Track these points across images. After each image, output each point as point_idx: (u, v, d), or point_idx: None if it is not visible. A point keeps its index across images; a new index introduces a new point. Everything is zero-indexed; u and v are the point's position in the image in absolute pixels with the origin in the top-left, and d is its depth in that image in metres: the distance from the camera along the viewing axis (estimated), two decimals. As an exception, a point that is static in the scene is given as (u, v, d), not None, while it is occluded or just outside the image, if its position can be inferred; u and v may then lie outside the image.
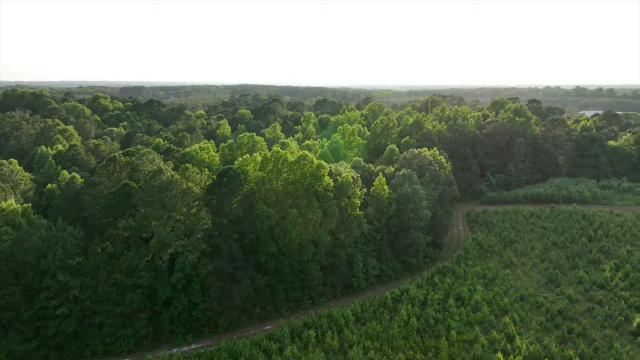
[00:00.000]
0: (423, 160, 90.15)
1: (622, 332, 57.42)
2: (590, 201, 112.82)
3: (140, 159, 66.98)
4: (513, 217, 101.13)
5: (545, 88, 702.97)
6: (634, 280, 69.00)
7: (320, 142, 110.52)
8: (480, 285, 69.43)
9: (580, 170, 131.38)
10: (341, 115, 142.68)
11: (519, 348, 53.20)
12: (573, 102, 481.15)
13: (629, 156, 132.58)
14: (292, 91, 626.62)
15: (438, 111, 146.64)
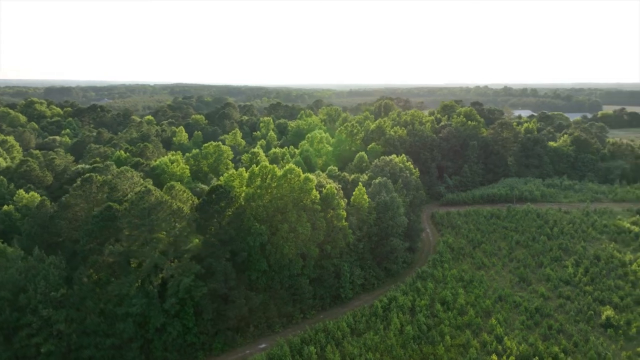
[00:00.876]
0: (395, 167, 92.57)
1: (593, 325, 62.66)
2: (539, 199, 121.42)
3: (118, 177, 63.11)
4: (475, 218, 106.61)
5: (475, 87, 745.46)
6: (594, 275, 75.46)
7: (287, 150, 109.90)
8: (460, 288, 72.75)
9: (527, 170, 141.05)
10: (301, 121, 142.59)
11: (509, 349, 56.48)
12: (502, 102, 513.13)
13: (567, 156, 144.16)
14: (233, 91, 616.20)
15: (395, 115, 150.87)
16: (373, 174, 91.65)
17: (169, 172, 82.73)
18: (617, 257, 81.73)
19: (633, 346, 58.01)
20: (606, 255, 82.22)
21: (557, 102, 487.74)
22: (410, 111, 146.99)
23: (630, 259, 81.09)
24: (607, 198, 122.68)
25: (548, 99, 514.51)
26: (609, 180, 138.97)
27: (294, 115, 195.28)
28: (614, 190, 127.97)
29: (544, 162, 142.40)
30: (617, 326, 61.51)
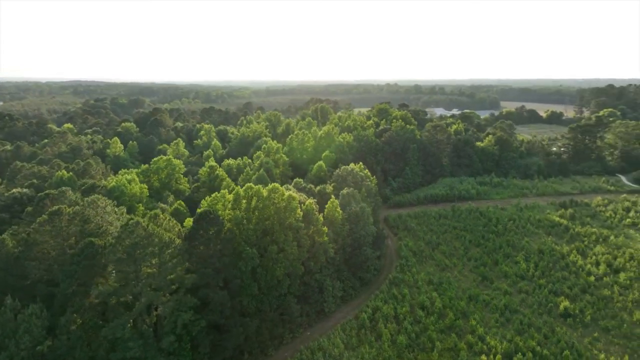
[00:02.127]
0: (356, 177, 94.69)
1: (554, 317, 69.92)
2: (476, 197, 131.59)
3: (90, 206, 57.36)
4: (426, 220, 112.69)
5: (386, 85, 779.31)
6: (543, 269, 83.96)
7: (242, 162, 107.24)
8: (433, 291, 76.90)
9: (460, 170, 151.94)
10: (245, 129, 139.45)
11: (493, 347, 61.18)
12: (415, 100, 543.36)
13: (492, 155, 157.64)
14: (146, 91, 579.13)
15: (336, 120, 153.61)
16: (337, 184, 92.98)
17: (129, 193, 76.82)
18: (556, 250, 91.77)
19: (590, 332, 65.81)
20: (547, 249, 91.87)
21: (462, 100, 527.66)
22: (352, 116, 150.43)
23: (567, 250, 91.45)
24: (531, 193, 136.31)
25: (454, 97, 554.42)
26: (528, 175, 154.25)
27: (229, 120, 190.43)
28: (535, 185, 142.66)
29: (474, 161, 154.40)
30: (574, 315, 69.31)
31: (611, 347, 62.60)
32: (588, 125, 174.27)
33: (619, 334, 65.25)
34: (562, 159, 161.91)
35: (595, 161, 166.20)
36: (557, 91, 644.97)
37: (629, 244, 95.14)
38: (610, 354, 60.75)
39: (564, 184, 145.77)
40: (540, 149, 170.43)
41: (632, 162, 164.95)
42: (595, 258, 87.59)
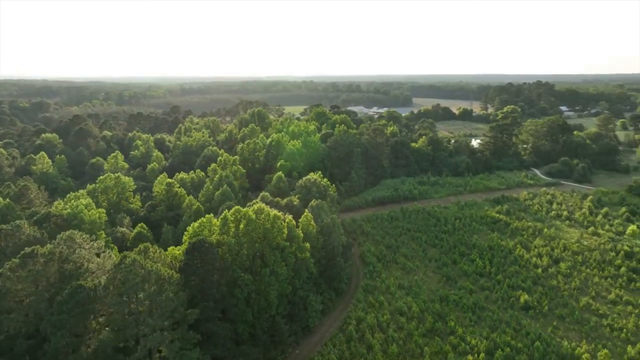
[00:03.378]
0: (320, 186, 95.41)
1: (517, 310, 76.75)
2: (419, 197, 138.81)
3: (66, 243, 51.55)
4: (379, 223, 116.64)
5: (303, 82, 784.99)
6: (497, 265, 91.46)
7: (197, 175, 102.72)
8: (406, 296, 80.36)
9: (399, 170, 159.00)
10: (188, 138, 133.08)
11: (475, 346, 65.78)
12: (334, 98, 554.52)
13: (427, 155, 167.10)
14: (44, 90, 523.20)
15: (278, 125, 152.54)
16: (302, 195, 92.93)
17: (88, 220, 70.14)
18: (503, 245, 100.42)
19: (549, 322, 73.32)
20: (496, 245, 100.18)
21: (379, 97, 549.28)
22: (295, 121, 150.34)
23: (512, 245, 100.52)
24: (465, 190, 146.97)
25: (370, 94, 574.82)
26: (458, 173, 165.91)
27: (160, 127, 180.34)
28: (467, 182, 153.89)
29: (411, 162, 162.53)
30: (533, 307, 76.74)
31: (569, 333, 70.37)
32: (505, 124, 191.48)
33: (573, 320, 73.52)
34: (485, 156, 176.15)
35: (513, 157, 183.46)
36: (460, 88, 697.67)
37: (559, 235, 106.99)
38: (570, 339, 68.27)
39: (491, 179, 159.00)
40: (465, 147, 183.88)
41: (542, 157, 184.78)
42: (537, 251, 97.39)
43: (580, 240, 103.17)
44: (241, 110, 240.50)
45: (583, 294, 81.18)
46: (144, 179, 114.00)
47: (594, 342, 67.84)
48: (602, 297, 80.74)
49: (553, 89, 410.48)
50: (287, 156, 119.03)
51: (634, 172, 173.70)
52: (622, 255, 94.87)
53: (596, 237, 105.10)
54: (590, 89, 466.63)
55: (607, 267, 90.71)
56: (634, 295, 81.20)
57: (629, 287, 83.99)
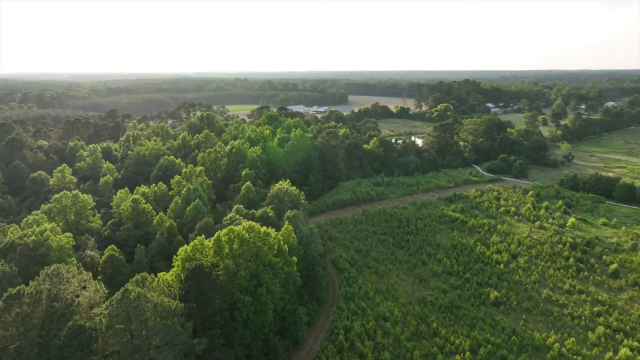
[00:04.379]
0: (292, 195, 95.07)
1: (488, 306, 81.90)
2: (376, 198, 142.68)
3: (53, 280, 47.25)
4: (344, 227, 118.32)
5: (235, 79, 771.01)
6: (464, 263, 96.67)
7: (159, 188, 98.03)
8: (386, 300, 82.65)
9: (353, 172, 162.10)
10: (140, 147, 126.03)
11: (460, 346, 69.36)
12: (272, 96, 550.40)
13: (378, 156, 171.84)
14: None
15: (232, 131, 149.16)
16: (274, 205, 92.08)
17: (55, 248, 64.66)
18: (465, 243, 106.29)
19: (519, 315, 78.99)
20: (458, 244, 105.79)
21: (316, 95, 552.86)
22: (249, 126, 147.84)
23: (472, 243, 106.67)
24: (418, 190, 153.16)
25: (307, 92, 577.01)
26: (408, 172, 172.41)
27: (99, 134, 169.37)
28: (418, 181, 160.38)
29: (364, 163, 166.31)
30: (503, 302, 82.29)
31: (537, 325, 76.32)
32: (447, 123, 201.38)
33: (538, 312, 79.84)
34: (432, 155, 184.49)
35: (456, 155, 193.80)
36: (393, 85, 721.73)
37: (512, 230, 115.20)
38: (539, 331, 74.10)
39: (440, 178, 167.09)
40: (412, 147, 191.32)
41: (482, 154, 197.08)
42: (496, 247, 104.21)
43: (531, 235, 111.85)
44: (183, 113, 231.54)
45: (542, 286, 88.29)
46: (96, 193, 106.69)
47: (559, 331, 74.14)
48: (558, 287, 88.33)
49: (480, 87, 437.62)
50: (249, 164, 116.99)
51: (561, 166, 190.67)
52: (568, 247, 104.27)
53: (543, 231, 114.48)
54: (511, 87, 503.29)
55: (558, 259, 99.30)
56: (584, 284, 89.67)
57: (579, 277, 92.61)
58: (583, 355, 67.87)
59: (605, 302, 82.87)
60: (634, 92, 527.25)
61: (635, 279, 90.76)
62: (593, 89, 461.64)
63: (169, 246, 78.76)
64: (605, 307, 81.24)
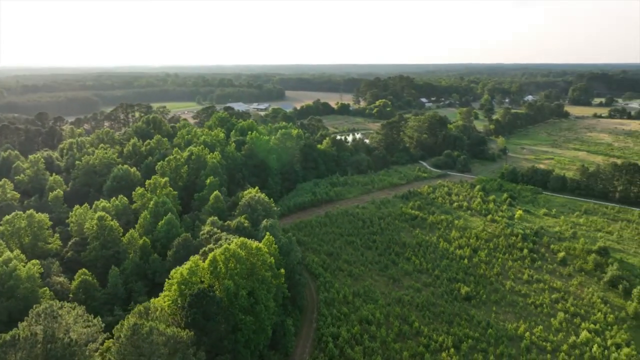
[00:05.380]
0: (264, 203, 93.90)
1: (459, 300, 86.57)
2: (335, 199, 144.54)
3: (46, 319, 43.26)
4: (309, 230, 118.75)
5: (165, 74, 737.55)
6: (431, 261, 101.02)
7: (121, 203, 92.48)
8: (365, 303, 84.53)
9: (309, 173, 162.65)
10: (89, 156, 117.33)
11: (444, 343, 72.80)
12: (207, 93, 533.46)
13: (332, 156, 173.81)
14: None
15: (185, 135, 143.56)
16: (248, 214, 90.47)
17: (25, 276, 59.08)
18: (428, 240, 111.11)
19: (489, 308, 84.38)
20: (422, 241, 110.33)
21: (253, 92, 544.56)
22: (204, 130, 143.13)
23: (435, 240, 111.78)
24: (373, 188, 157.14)
25: (244, 88, 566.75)
26: (361, 171, 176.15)
27: (32, 141, 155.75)
28: (372, 179, 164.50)
29: (319, 164, 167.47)
30: (473, 296, 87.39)
31: (507, 316, 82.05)
32: (394, 121, 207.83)
33: (505, 303, 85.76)
34: (382, 152, 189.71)
35: (403, 152, 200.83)
36: (328, 80, 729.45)
37: (467, 225, 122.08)
38: (510, 322, 79.71)
39: (392, 175, 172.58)
40: (362, 145, 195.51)
41: (427, 150, 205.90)
42: (457, 242, 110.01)
43: (485, 229, 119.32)
44: (121, 114, 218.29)
45: (505, 278, 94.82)
46: (46, 210, 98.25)
47: (527, 320, 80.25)
48: (518, 278, 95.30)
49: (413, 83, 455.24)
50: (210, 171, 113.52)
51: (498, 159, 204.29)
52: (520, 238, 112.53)
53: (495, 224, 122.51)
54: (442, 82, 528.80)
55: (514, 251, 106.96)
56: (539, 273, 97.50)
57: (534, 266, 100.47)
58: (551, 341, 74.15)
59: (560, 289, 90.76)
60: (547, 85, 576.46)
61: (581, 265, 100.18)
62: (514, 84, 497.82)
63: (144, 265, 74.93)
64: (561, 293, 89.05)
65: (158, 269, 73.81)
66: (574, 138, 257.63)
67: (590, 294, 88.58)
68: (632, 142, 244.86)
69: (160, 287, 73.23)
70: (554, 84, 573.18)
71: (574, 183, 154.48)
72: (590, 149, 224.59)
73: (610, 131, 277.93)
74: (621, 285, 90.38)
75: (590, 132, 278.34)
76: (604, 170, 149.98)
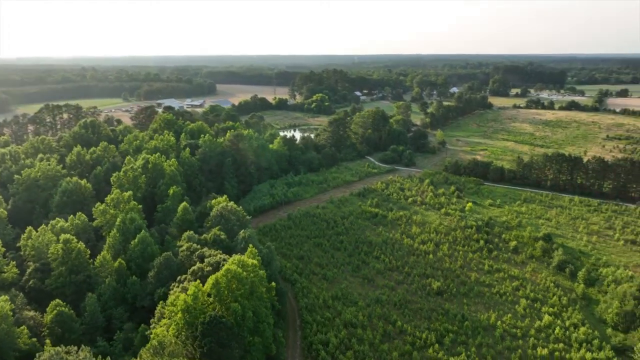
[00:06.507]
0: (236, 213, 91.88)
1: (432, 295, 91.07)
2: (293, 200, 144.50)
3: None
4: (275, 234, 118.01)
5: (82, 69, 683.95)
6: (399, 258, 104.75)
7: (81, 220, 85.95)
8: (346, 306, 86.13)
9: (263, 174, 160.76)
10: (31, 169, 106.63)
11: (427, 339, 76.42)
12: (132, 88, 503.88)
13: (284, 155, 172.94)
14: None
15: (133, 141, 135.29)
16: (221, 225, 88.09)
17: (8, 320, 53.22)
18: (392, 238, 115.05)
19: (460, 301, 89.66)
20: (387, 239, 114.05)
21: (183, 87, 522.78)
22: (159, 137, 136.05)
23: (398, 237, 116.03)
24: (328, 187, 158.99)
25: (173, 83, 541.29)
26: (312, 169, 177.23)
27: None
28: (326, 178, 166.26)
29: (272, 164, 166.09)
30: (444, 290, 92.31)
31: (477, 307, 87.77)
32: (340, 118, 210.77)
33: (474, 295, 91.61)
34: (332, 150, 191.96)
35: (350, 148, 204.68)
36: (259, 73, 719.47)
37: (425, 219, 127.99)
38: (481, 313, 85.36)
39: (343, 172, 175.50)
40: (311, 143, 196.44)
41: (372, 145, 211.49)
42: (420, 238, 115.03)
43: (442, 222, 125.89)
44: (47, 117, 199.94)
45: (469, 270, 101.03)
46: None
47: (495, 309, 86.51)
48: (480, 269, 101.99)
49: (347, 76, 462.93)
50: (170, 179, 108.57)
51: (438, 152, 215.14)
52: (474, 230, 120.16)
53: (450, 217, 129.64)
54: (374, 75, 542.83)
55: (471, 242, 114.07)
56: (497, 262, 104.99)
57: (491, 256, 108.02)
58: (520, 327, 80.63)
59: (517, 276, 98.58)
60: (468, 77, 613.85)
61: (531, 252, 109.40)
62: (440, 77, 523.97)
63: (122, 289, 70.58)
64: (520, 280, 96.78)
65: (138, 292, 69.87)
66: (500, 129, 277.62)
67: (543, 279, 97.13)
68: (550, 131, 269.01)
69: (142, 311, 69.89)
70: (474, 76, 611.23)
71: (511, 173, 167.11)
72: (517, 139, 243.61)
73: (530, 121, 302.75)
74: (568, 269, 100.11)
75: (513, 122, 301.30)
76: (536, 161, 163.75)
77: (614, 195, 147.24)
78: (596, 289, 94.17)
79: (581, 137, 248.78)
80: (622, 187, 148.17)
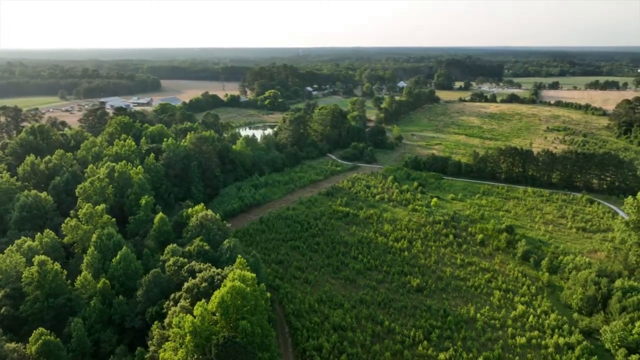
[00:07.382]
0: (217, 222, 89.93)
1: (413, 292, 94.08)
2: (262, 202, 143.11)
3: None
4: (249, 239, 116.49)
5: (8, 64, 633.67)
6: (377, 257, 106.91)
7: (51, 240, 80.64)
8: (333, 309, 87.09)
9: (228, 177, 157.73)
10: None
11: (415, 336, 79.05)
12: (70, 86, 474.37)
13: (248, 156, 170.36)
14: None
15: (92, 147, 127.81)
16: (203, 235, 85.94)
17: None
18: (366, 237, 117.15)
19: (439, 296, 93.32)
20: (362, 239, 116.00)
21: (125, 83, 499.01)
22: (120, 142, 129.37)
23: (372, 235, 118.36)
24: (295, 187, 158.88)
25: (114, 80, 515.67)
26: (276, 169, 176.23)
27: None
28: (291, 178, 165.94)
29: (237, 165, 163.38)
30: (424, 287, 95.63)
31: (456, 301, 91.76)
32: (300, 116, 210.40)
33: (452, 289, 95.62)
34: (294, 149, 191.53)
35: (311, 146, 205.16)
36: (205, 68, 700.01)
37: (394, 216, 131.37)
38: (461, 307, 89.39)
39: (307, 171, 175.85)
40: (273, 142, 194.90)
41: (332, 143, 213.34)
42: (393, 236, 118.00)
43: (411, 219, 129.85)
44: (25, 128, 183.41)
45: (444, 265, 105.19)
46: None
47: (473, 302, 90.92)
48: (453, 264, 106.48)
49: (297, 71, 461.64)
50: (139, 188, 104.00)
51: (396, 147, 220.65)
52: (442, 225, 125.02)
53: (418, 213, 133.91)
54: (324, 70, 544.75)
55: (441, 237, 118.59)
56: (467, 256, 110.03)
57: (462, 250, 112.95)
58: (497, 318, 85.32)
59: (488, 268, 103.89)
60: (413, 71, 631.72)
61: (497, 244, 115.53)
62: (387, 71, 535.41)
63: (108, 310, 67.28)
64: (491, 272, 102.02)
65: (126, 313, 66.82)
66: (450, 122, 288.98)
67: (511, 270, 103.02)
68: (496, 124, 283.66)
69: (131, 332, 67.06)
70: (419, 70, 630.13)
71: (468, 167, 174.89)
72: (467, 133, 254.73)
73: (476, 114, 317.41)
74: (532, 258, 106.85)
75: (461, 115, 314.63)
76: (491, 155, 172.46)
77: (562, 185, 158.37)
78: (558, 276, 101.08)
79: (524, 129, 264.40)
80: (569, 178, 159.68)
